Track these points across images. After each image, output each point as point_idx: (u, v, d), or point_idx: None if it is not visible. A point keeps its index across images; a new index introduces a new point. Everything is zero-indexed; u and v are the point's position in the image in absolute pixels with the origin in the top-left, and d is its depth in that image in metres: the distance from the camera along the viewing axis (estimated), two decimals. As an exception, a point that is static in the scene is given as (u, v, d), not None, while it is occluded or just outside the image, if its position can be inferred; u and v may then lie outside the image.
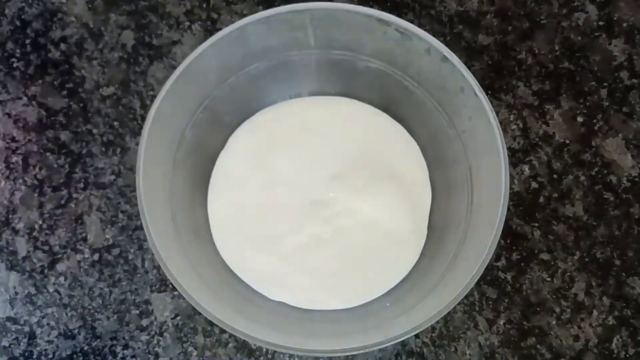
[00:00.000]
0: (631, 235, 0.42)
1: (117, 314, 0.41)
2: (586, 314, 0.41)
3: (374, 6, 0.46)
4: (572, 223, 0.43)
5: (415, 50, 0.36)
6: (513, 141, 0.44)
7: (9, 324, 0.41)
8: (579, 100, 0.45)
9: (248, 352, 0.41)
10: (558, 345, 0.41)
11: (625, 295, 0.42)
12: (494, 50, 0.45)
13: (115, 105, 0.45)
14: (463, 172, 0.38)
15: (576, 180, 0.43)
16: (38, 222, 0.43)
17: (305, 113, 0.43)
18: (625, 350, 0.41)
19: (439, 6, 0.46)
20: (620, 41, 0.46)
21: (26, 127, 0.44)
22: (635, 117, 0.44)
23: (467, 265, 0.34)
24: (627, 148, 0.44)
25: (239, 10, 0.46)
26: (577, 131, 0.44)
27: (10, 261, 0.42)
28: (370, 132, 0.43)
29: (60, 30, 0.46)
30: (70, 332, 0.41)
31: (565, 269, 0.42)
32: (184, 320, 0.41)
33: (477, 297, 0.41)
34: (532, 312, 0.41)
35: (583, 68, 0.45)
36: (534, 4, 0.46)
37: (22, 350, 0.41)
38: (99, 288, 0.42)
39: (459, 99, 0.36)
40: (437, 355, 0.41)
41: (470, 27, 0.46)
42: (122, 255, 0.42)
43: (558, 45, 0.45)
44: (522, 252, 0.42)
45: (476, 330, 0.41)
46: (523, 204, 0.43)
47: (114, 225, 0.43)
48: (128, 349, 0.41)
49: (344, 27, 0.37)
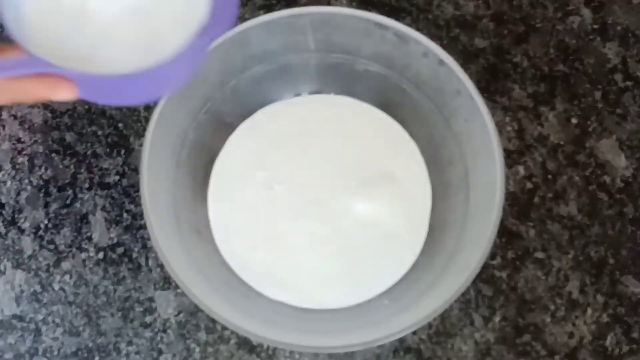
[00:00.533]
0: (625, 234, 0.43)
1: (121, 311, 0.42)
2: (580, 311, 0.42)
3: (373, 10, 0.46)
4: (566, 222, 0.43)
5: (412, 54, 0.37)
6: (508, 142, 0.44)
7: (15, 322, 0.42)
8: (574, 102, 0.45)
9: (250, 348, 0.41)
10: (553, 342, 0.41)
11: (619, 293, 0.42)
12: (489, 53, 0.46)
13: (120, 107, 0.45)
14: (459, 173, 0.39)
15: (570, 180, 0.44)
16: (44, 221, 0.43)
17: (306, 112, 0.43)
18: (619, 347, 0.41)
19: (436, 10, 0.47)
20: (615, 44, 0.46)
21: (32, 128, 0.45)
22: (629, 118, 0.45)
23: (464, 263, 0.35)
24: (620, 149, 0.45)
25: (240, 14, 0.47)
26: (571, 132, 0.45)
27: (17, 259, 0.43)
28: (370, 132, 0.43)
29: (65, 33, 0.47)
30: (75, 329, 0.42)
31: (560, 267, 0.43)
32: (186, 317, 0.42)
33: (473, 294, 0.42)
34: (527, 310, 0.42)
35: (577, 71, 0.46)
36: (529, 8, 0.47)
37: (27, 347, 0.42)
38: (103, 286, 0.42)
39: (456, 101, 0.37)
40: (434, 351, 0.41)
41: (466, 30, 0.46)
42: (126, 254, 0.43)
43: (553, 49, 0.46)
44: (517, 250, 0.43)
45: (472, 327, 0.42)
46: (518, 204, 0.43)
47: (118, 224, 0.43)
48: (132, 346, 0.42)
49: (343, 31, 0.37)
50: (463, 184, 0.39)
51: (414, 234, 0.41)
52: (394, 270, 0.41)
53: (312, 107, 0.43)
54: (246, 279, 0.40)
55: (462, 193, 0.39)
